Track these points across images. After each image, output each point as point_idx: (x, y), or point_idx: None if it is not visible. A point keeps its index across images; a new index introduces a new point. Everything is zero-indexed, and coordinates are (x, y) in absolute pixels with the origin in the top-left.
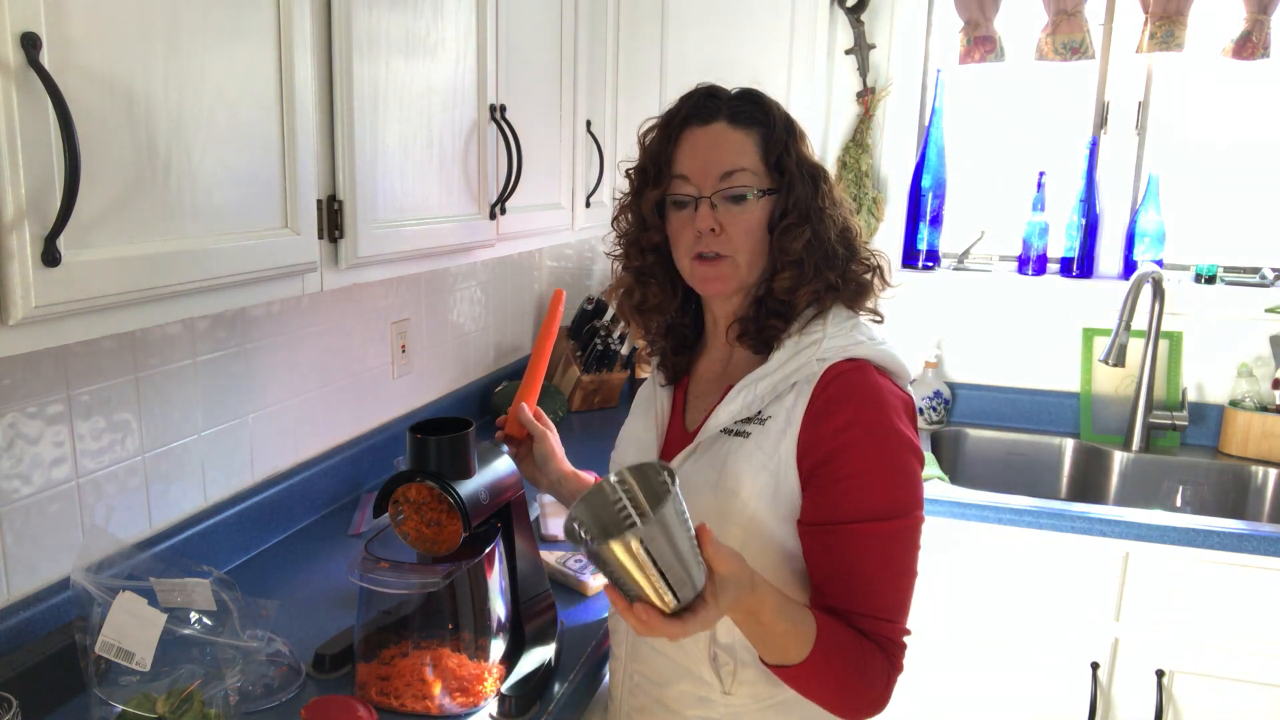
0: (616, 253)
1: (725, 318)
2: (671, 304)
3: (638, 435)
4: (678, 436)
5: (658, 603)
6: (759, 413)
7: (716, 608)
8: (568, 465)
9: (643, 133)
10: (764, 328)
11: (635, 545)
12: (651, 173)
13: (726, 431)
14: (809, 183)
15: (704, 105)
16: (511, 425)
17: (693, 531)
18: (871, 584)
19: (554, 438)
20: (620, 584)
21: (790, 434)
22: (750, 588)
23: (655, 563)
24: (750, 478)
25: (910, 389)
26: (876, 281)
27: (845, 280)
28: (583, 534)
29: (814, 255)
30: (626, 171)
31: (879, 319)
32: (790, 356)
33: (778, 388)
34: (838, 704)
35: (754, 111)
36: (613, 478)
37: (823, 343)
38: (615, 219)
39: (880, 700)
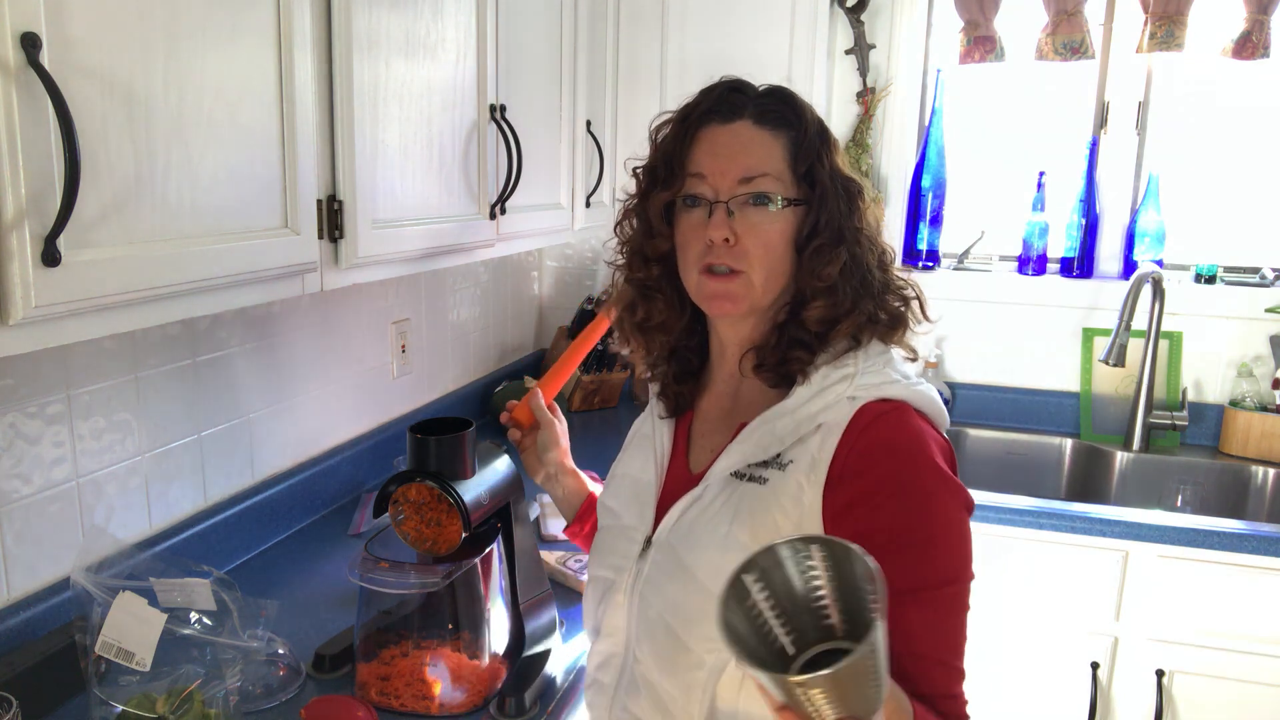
0: (618, 261)
1: (735, 344)
2: (679, 322)
3: (634, 475)
4: (680, 478)
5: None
6: (778, 456)
7: None
8: (569, 460)
9: (655, 128)
10: (786, 360)
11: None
12: (662, 173)
13: (738, 476)
14: (843, 198)
15: (727, 101)
16: (521, 410)
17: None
18: (922, 660)
19: (562, 429)
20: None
21: (815, 483)
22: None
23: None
24: (768, 533)
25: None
26: (911, 314)
27: (881, 311)
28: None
29: (850, 282)
30: (634, 170)
31: (913, 356)
32: (816, 393)
33: (800, 428)
34: None
35: (784, 112)
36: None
37: (855, 379)
38: (618, 223)
39: None
